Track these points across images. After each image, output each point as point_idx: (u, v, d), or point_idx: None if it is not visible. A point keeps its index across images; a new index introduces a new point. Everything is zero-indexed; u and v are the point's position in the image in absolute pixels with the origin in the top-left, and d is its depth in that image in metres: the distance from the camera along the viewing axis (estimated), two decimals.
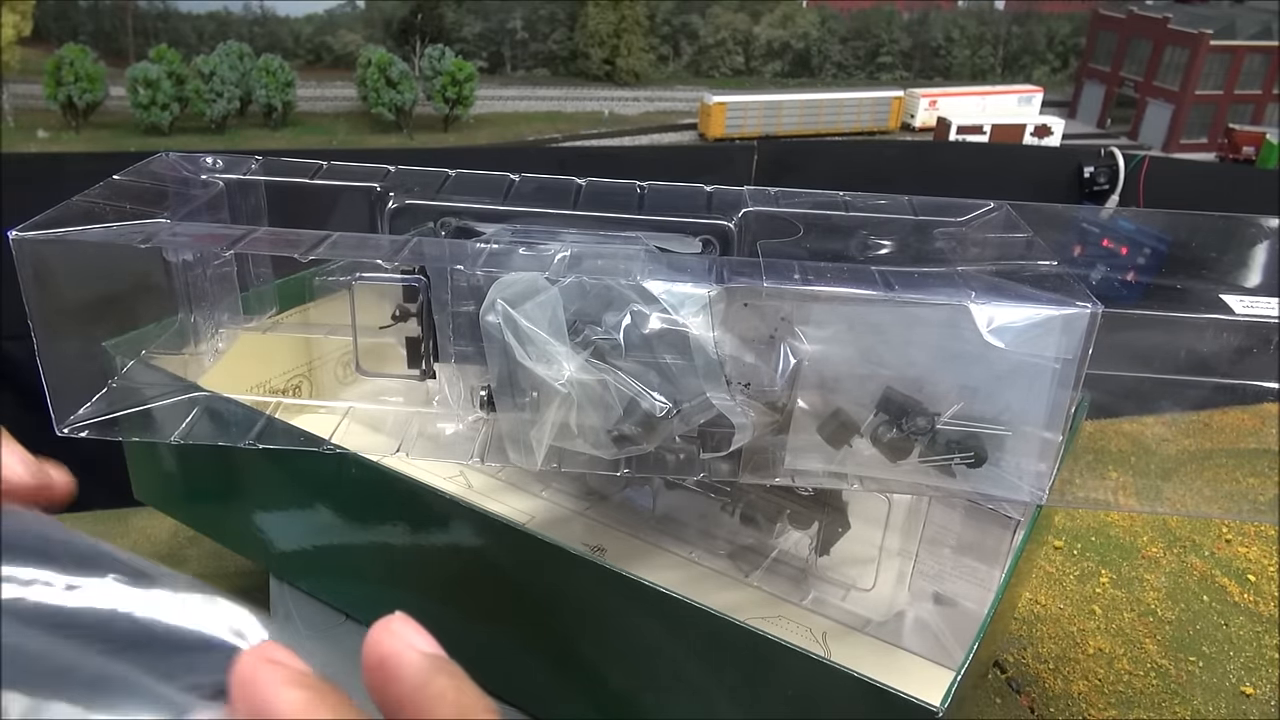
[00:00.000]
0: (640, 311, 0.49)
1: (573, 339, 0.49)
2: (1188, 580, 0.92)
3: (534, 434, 0.52)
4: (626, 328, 0.49)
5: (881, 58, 25.16)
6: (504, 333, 0.49)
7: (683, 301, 0.49)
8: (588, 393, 0.49)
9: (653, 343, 0.49)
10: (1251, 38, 20.60)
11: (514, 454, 0.53)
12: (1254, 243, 0.61)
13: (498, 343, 0.50)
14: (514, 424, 0.52)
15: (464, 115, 19.54)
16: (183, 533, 0.95)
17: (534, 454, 0.52)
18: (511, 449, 0.53)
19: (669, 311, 0.49)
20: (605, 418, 0.50)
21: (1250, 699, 0.78)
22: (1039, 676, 0.79)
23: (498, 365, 0.51)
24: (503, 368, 0.50)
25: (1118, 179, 3.07)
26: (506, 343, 0.49)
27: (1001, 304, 0.47)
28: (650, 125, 21.25)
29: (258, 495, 0.71)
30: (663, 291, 0.49)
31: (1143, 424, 0.61)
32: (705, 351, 0.49)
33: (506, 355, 0.50)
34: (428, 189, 0.59)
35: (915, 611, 0.66)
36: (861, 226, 0.60)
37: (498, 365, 0.51)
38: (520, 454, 0.53)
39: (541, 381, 0.49)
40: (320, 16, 23.30)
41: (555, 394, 0.49)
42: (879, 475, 0.53)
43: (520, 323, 0.49)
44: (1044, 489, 0.51)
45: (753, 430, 0.51)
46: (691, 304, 0.49)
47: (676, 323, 0.49)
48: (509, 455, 0.53)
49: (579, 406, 0.50)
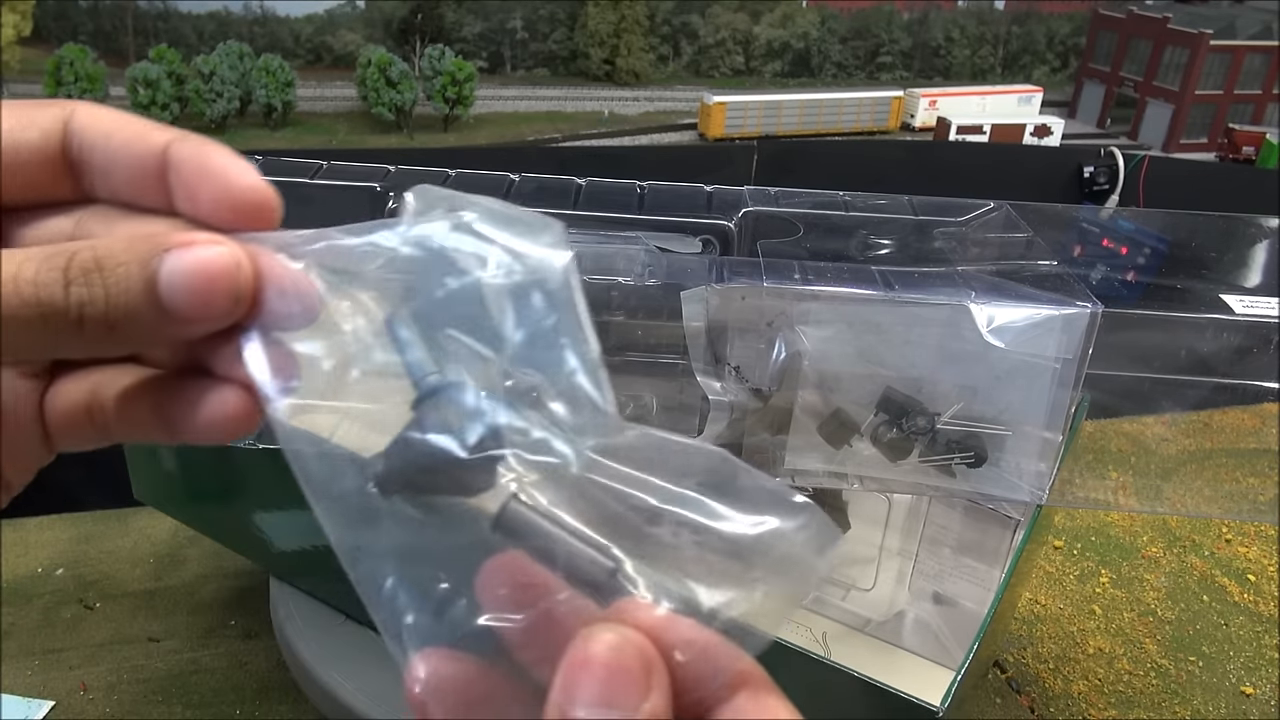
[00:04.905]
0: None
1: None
2: (1188, 580, 0.92)
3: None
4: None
5: (881, 58, 25.17)
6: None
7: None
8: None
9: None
10: (1251, 38, 20.60)
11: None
12: (1254, 243, 0.61)
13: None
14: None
15: (464, 115, 19.55)
16: (183, 533, 0.95)
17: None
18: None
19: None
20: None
21: (1250, 699, 0.78)
22: (1039, 676, 0.79)
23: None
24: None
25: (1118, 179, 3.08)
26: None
27: (1001, 304, 0.47)
28: (650, 125, 21.26)
29: (258, 495, 0.71)
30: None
31: (1143, 424, 0.61)
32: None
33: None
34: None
35: (915, 611, 0.66)
36: (861, 226, 0.60)
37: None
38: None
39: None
40: (320, 16, 23.30)
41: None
42: (879, 475, 0.53)
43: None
44: (1044, 489, 0.51)
45: (730, 413, 0.51)
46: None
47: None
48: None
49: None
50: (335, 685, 0.65)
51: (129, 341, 0.23)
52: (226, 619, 0.85)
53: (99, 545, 0.95)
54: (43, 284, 0.21)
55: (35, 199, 0.25)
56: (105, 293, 0.22)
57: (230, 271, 0.22)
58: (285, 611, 0.72)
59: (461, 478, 0.22)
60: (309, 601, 0.72)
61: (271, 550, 0.73)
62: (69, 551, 0.93)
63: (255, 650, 0.81)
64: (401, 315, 0.24)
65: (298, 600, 0.73)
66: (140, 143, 0.24)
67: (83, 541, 0.95)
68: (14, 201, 0.25)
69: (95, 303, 0.21)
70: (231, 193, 0.24)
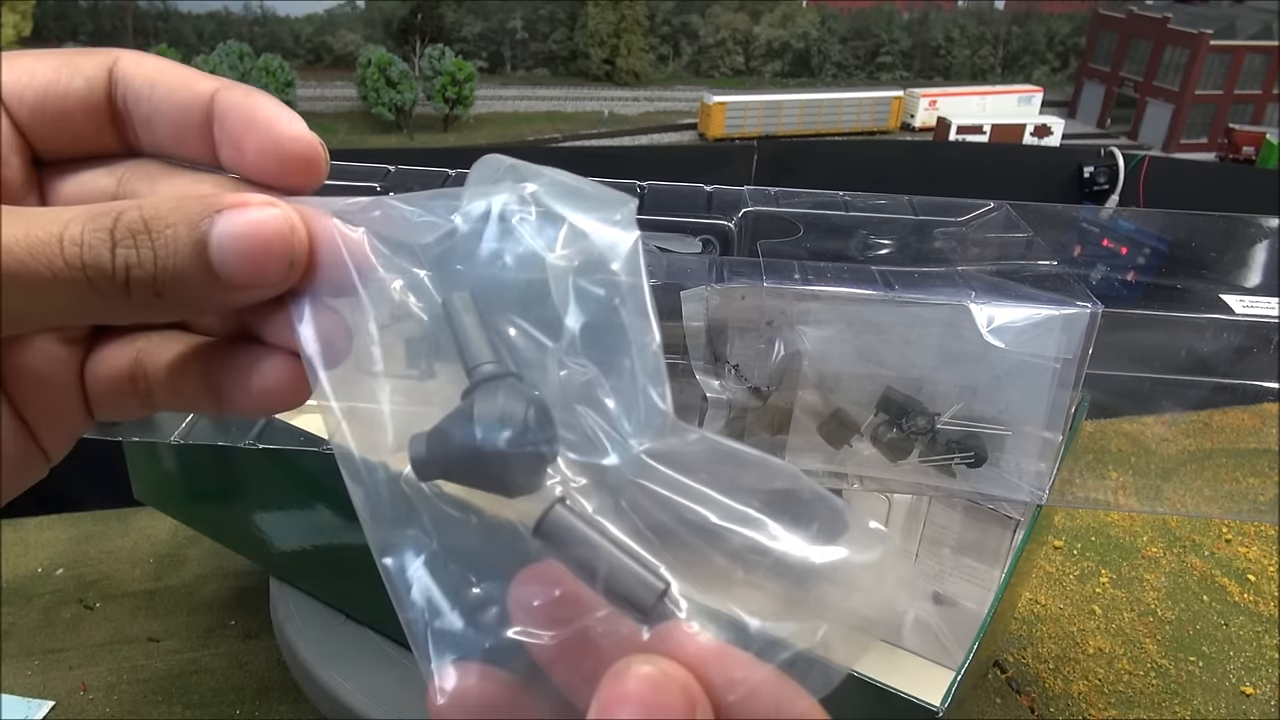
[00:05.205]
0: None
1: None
2: (1188, 580, 0.92)
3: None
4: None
5: (881, 57, 25.17)
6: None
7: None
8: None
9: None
10: (1251, 38, 20.61)
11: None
12: (1254, 243, 0.61)
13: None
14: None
15: (464, 115, 19.55)
16: (183, 533, 0.95)
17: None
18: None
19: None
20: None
21: (1250, 699, 0.78)
22: (1039, 676, 0.79)
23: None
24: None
25: (1118, 179, 3.08)
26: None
27: (1001, 304, 0.47)
28: (650, 125, 21.26)
29: (258, 495, 0.71)
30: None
31: (1143, 424, 0.61)
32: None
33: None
34: (428, 189, 0.59)
35: (915, 611, 0.66)
36: (861, 226, 0.60)
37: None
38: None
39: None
40: (320, 16, 23.30)
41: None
42: (879, 475, 0.53)
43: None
44: (1044, 489, 0.51)
45: (729, 411, 0.51)
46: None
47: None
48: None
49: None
50: (335, 685, 0.65)
51: (177, 307, 0.22)
52: (226, 619, 0.85)
53: (99, 545, 0.95)
54: (89, 245, 0.20)
55: (78, 151, 0.24)
56: (154, 255, 0.20)
57: (285, 235, 0.21)
58: (285, 611, 0.72)
59: (504, 475, 0.20)
60: (309, 601, 0.72)
61: (271, 550, 0.73)
62: (69, 551, 0.93)
63: (255, 650, 0.81)
64: (458, 296, 0.22)
65: (298, 600, 0.73)
66: (185, 90, 0.23)
67: (83, 541, 0.95)
68: (57, 154, 0.23)
69: (143, 266, 0.20)
70: (280, 143, 0.22)
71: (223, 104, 0.23)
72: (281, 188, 0.23)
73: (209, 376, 0.24)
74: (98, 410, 0.25)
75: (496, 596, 0.20)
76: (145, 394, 0.24)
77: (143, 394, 0.24)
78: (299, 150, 0.23)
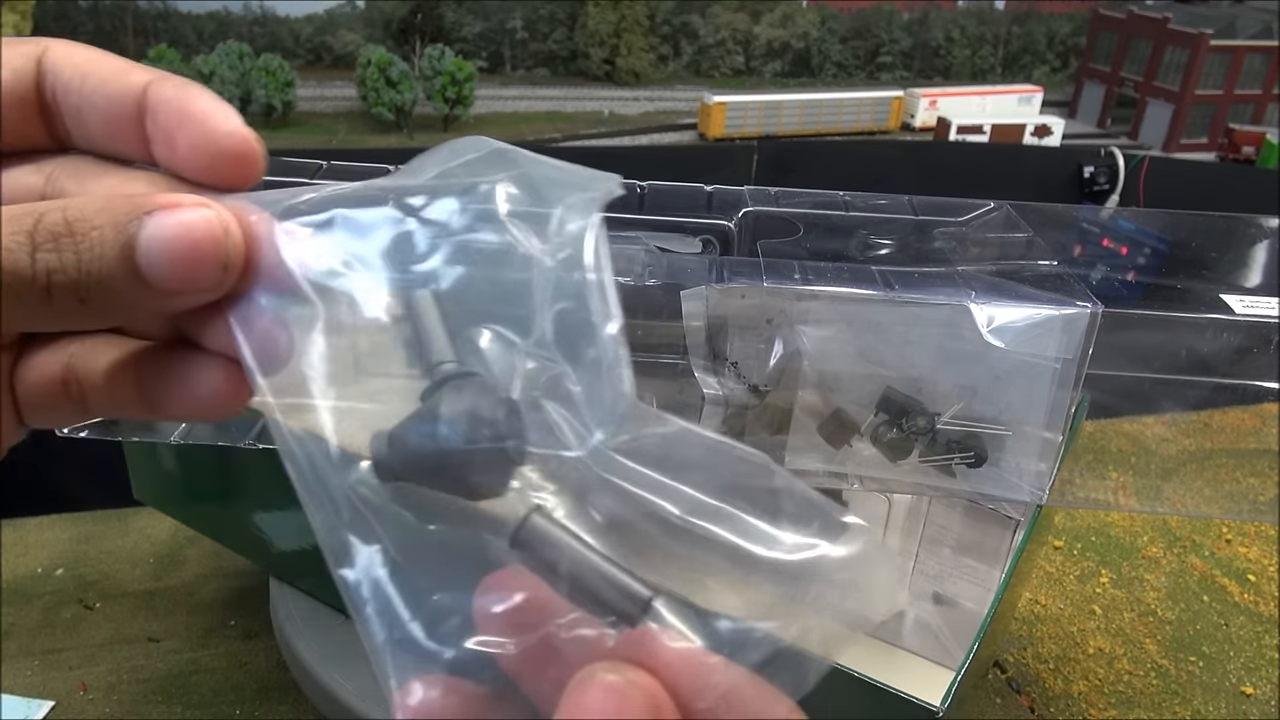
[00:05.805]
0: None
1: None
2: (1188, 580, 0.92)
3: None
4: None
5: (881, 57, 25.17)
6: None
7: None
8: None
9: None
10: (1251, 38, 20.60)
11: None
12: (1254, 243, 0.61)
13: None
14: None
15: (464, 115, 19.54)
16: (183, 533, 0.95)
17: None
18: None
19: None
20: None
21: (1250, 699, 0.78)
22: (1039, 676, 0.79)
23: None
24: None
25: (1118, 179, 3.08)
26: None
27: (1001, 304, 0.47)
28: (650, 125, 21.25)
29: (258, 495, 0.71)
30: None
31: (1143, 424, 0.61)
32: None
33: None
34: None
35: (915, 611, 0.66)
36: (861, 226, 0.60)
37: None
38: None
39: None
40: (320, 16, 23.30)
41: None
42: (879, 475, 0.53)
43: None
44: (1044, 489, 0.51)
45: (726, 408, 0.51)
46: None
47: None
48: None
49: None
50: (335, 685, 0.65)
51: (104, 314, 0.20)
52: (226, 619, 0.85)
53: (99, 545, 0.95)
54: (6, 249, 0.19)
55: (4, 146, 0.22)
56: (77, 260, 0.19)
57: (217, 238, 0.20)
58: (285, 611, 0.72)
59: (466, 477, 0.20)
60: (309, 601, 0.72)
61: (271, 550, 0.73)
62: (69, 551, 0.93)
63: (255, 650, 0.81)
64: (419, 294, 0.21)
65: (298, 600, 0.73)
66: (117, 82, 0.22)
67: (83, 541, 0.95)
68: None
69: (65, 271, 0.19)
70: (213, 139, 0.21)
71: (155, 97, 0.22)
72: (216, 185, 0.22)
73: (143, 384, 0.23)
74: (29, 418, 0.23)
75: (461, 605, 0.19)
76: (79, 400, 0.23)
77: (76, 400, 0.23)
78: (233, 146, 0.22)
